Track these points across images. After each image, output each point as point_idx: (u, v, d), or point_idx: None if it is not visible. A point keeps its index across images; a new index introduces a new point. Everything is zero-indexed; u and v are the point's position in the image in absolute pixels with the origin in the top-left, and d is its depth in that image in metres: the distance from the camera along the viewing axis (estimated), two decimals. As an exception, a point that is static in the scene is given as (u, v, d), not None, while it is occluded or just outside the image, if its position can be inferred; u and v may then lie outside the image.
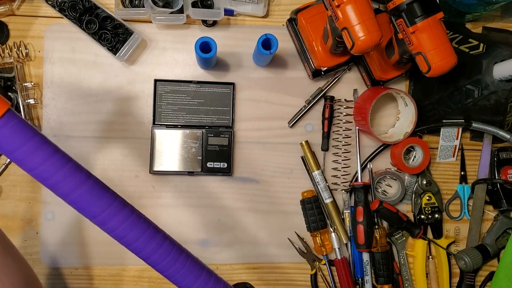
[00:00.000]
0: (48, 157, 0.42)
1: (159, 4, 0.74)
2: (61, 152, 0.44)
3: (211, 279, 0.49)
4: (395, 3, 0.62)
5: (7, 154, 0.42)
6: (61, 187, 0.43)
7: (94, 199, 0.44)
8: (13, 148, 0.41)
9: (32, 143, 0.42)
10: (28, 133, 0.42)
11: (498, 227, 0.82)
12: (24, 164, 0.42)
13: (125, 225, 0.45)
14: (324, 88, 0.81)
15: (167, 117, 0.78)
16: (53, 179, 0.43)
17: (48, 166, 0.42)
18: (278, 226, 0.81)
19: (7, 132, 0.41)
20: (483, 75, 0.77)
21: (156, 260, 0.47)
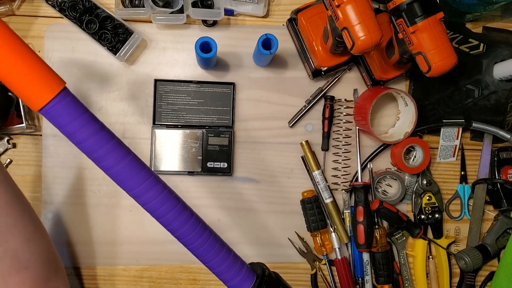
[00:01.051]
0: (95, 132, 0.47)
1: (159, 4, 0.74)
2: (107, 129, 0.48)
3: (230, 254, 0.53)
4: (395, 3, 0.62)
5: (60, 127, 0.46)
6: (105, 160, 0.47)
7: (133, 173, 0.48)
8: (66, 122, 0.46)
9: (82, 119, 0.46)
10: (79, 110, 0.47)
11: (498, 227, 0.82)
12: (74, 137, 0.47)
13: (158, 199, 0.49)
14: (324, 88, 0.81)
15: (167, 117, 0.78)
16: (99, 153, 0.47)
17: (95, 140, 0.47)
18: (278, 226, 0.81)
19: (62, 107, 0.45)
20: (483, 75, 0.77)
21: (183, 233, 0.51)
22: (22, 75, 0.43)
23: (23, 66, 0.44)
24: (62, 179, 0.78)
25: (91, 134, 0.47)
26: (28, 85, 0.44)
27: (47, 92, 0.44)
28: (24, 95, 0.45)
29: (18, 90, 0.44)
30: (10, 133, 0.77)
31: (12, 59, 0.43)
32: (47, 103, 0.44)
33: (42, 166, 0.77)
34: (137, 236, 0.79)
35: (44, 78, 0.44)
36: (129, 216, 0.79)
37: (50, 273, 0.62)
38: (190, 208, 0.53)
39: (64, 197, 0.78)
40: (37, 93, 0.44)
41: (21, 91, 0.44)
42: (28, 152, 0.78)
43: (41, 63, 0.45)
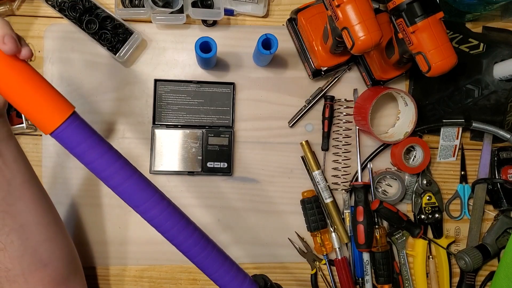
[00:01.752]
0: (103, 154, 0.49)
1: (159, 4, 0.74)
2: (114, 150, 0.51)
3: (233, 267, 0.56)
4: (395, 3, 0.62)
5: (70, 149, 0.49)
6: (112, 180, 0.50)
7: (138, 191, 0.51)
8: (75, 145, 0.48)
9: (90, 141, 0.49)
10: (87, 133, 0.49)
11: (498, 226, 0.82)
12: (83, 158, 0.49)
13: (162, 215, 0.52)
14: (324, 88, 0.81)
15: (167, 117, 0.78)
16: (106, 173, 0.50)
17: (102, 161, 0.49)
18: (278, 226, 0.81)
19: (71, 130, 0.48)
20: (483, 75, 0.77)
21: (188, 247, 0.54)
22: (34, 102, 0.46)
23: (35, 94, 0.46)
24: (62, 179, 0.78)
25: (99, 156, 0.49)
26: (39, 111, 0.47)
27: (57, 117, 0.47)
28: (36, 120, 0.47)
29: (30, 115, 0.47)
30: (10, 133, 0.77)
31: (25, 88, 0.46)
32: (58, 127, 0.47)
33: (42, 166, 0.77)
34: (137, 236, 0.79)
35: (54, 103, 0.47)
36: (129, 216, 0.79)
37: (69, 273, 0.64)
38: (193, 223, 0.55)
39: (64, 197, 0.78)
40: (48, 118, 0.47)
41: (33, 117, 0.47)
42: (28, 152, 0.77)
43: (51, 89, 0.48)
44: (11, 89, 0.46)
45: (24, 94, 0.46)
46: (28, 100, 0.46)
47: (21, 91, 0.46)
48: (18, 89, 0.46)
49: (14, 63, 0.46)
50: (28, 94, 0.46)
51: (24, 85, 0.46)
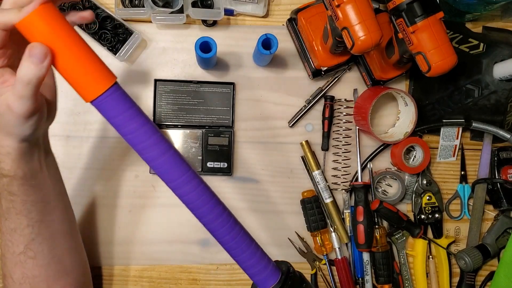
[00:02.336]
0: (142, 125, 0.49)
1: (159, 4, 0.74)
2: (152, 123, 0.51)
3: (258, 250, 0.56)
4: (395, 3, 0.62)
5: (109, 119, 0.49)
6: (149, 152, 0.50)
7: (174, 166, 0.50)
8: (115, 114, 0.49)
9: (130, 112, 0.49)
10: (128, 104, 0.49)
11: (498, 226, 0.82)
12: (121, 128, 0.49)
13: (195, 192, 0.52)
14: (324, 88, 0.81)
15: (167, 117, 0.78)
16: (144, 144, 0.49)
17: (141, 133, 0.49)
18: (278, 226, 0.81)
19: (112, 100, 0.48)
20: (483, 75, 0.77)
21: (216, 226, 0.53)
22: (80, 68, 0.47)
23: (82, 61, 0.46)
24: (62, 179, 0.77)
25: (137, 127, 0.49)
26: (83, 78, 0.47)
27: (100, 85, 0.47)
28: (79, 87, 0.47)
29: (74, 81, 0.47)
30: (10, 133, 0.77)
31: (72, 54, 0.46)
32: (99, 96, 0.47)
33: (42, 166, 0.77)
34: (137, 236, 0.79)
35: (98, 72, 0.47)
36: (129, 216, 0.79)
37: (86, 283, 0.67)
38: (222, 203, 0.55)
39: (64, 197, 0.78)
40: (91, 85, 0.47)
41: (77, 83, 0.47)
42: (28, 152, 0.77)
43: (96, 57, 0.48)
44: (56, 52, 0.46)
45: (70, 59, 0.46)
46: (74, 66, 0.47)
47: (67, 57, 0.46)
48: (64, 52, 0.46)
49: (65, 25, 0.47)
50: (74, 61, 0.46)
51: (70, 51, 0.46)
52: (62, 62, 0.46)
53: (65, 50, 0.46)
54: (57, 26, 0.46)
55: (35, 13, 0.44)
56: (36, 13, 0.44)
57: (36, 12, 0.44)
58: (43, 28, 0.45)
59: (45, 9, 0.45)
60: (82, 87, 0.48)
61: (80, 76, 0.47)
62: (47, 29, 0.45)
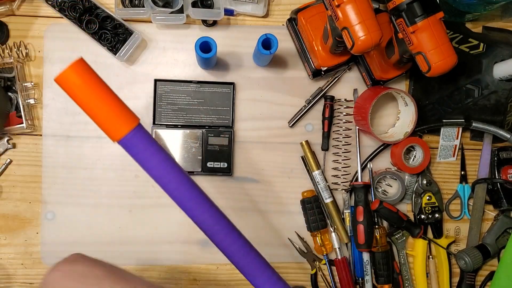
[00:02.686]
0: (163, 160, 0.54)
1: (159, 4, 0.74)
2: (172, 159, 0.55)
3: (274, 275, 0.59)
4: (395, 3, 0.62)
5: (134, 155, 0.54)
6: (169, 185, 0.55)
7: (192, 197, 0.55)
8: (139, 152, 0.54)
9: (153, 149, 0.54)
10: (150, 142, 0.54)
11: (498, 226, 0.82)
12: (146, 163, 0.54)
13: (216, 224, 0.57)
14: (324, 88, 0.81)
15: (167, 117, 0.78)
16: (165, 179, 0.54)
17: (163, 167, 0.54)
18: (278, 226, 0.81)
19: (136, 139, 0.53)
20: (483, 75, 0.77)
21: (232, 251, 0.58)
22: (107, 113, 0.52)
23: (109, 107, 0.52)
24: (62, 179, 0.78)
25: (159, 162, 0.53)
26: (111, 122, 0.52)
27: (125, 127, 0.52)
28: (106, 129, 0.53)
29: (102, 125, 0.53)
30: (10, 133, 0.77)
31: (99, 100, 0.52)
32: (124, 136, 0.52)
33: (42, 166, 0.77)
34: (137, 236, 0.79)
35: (123, 115, 0.53)
36: (129, 216, 0.79)
37: None
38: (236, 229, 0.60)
39: (64, 197, 0.78)
40: (117, 127, 0.52)
41: (105, 126, 0.53)
42: (28, 152, 0.77)
43: (120, 102, 0.53)
44: (87, 100, 0.51)
45: (98, 104, 0.52)
46: (102, 111, 0.52)
47: (96, 102, 0.51)
48: (91, 100, 0.51)
49: (91, 76, 0.52)
50: (102, 105, 0.52)
51: (97, 98, 0.52)
52: (92, 108, 0.52)
53: (96, 99, 0.51)
54: (88, 78, 0.52)
55: (69, 69, 0.50)
56: (71, 69, 0.50)
57: (71, 68, 0.50)
58: (76, 82, 0.51)
59: (77, 65, 0.51)
60: (110, 129, 0.53)
61: (107, 120, 0.52)
62: (79, 82, 0.51)
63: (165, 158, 0.54)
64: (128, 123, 0.53)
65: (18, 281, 0.78)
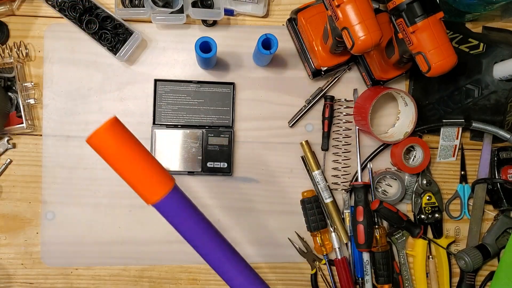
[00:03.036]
0: (198, 223, 0.53)
1: (159, 4, 0.74)
2: (207, 220, 0.54)
3: None
4: (395, 3, 0.62)
5: (168, 218, 0.52)
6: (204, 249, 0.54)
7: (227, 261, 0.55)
8: (174, 214, 0.52)
9: (188, 211, 0.52)
10: (185, 204, 0.53)
11: (498, 226, 0.82)
12: (180, 226, 0.52)
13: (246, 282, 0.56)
14: (324, 88, 0.81)
15: (167, 117, 0.78)
16: (199, 241, 0.53)
17: (196, 231, 0.53)
18: (278, 226, 0.81)
19: (172, 202, 0.51)
20: (483, 75, 0.77)
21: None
22: (142, 176, 0.50)
23: (144, 169, 0.49)
24: (62, 179, 0.78)
25: (194, 225, 0.52)
26: (145, 185, 0.50)
27: (160, 190, 0.50)
28: (141, 192, 0.50)
29: (137, 187, 0.50)
30: (10, 133, 0.77)
31: (133, 163, 0.49)
32: (160, 199, 0.50)
33: (42, 166, 0.77)
34: (137, 236, 0.79)
35: (158, 177, 0.50)
36: (129, 216, 0.79)
37: None
38: None
39: (64, 197, 0.78)
40: (152, 191, 0.50)
41: (139, 189, 0.50)
42: (28, 152, 0.77)
43: (156, 164, 0.51)
44: (121, 162, 0.49)
45: (133, 167, 0.49)
46: (136, 173, 0.50)
47: (130, 164, 0.49)
48: (128, 162, 0.49)
49: (125, 137, 0.49)
50: (136, 167, 0.49)
51: (133, 159, 0.49)
52: (126, 171, 0.49)
53: (130, 161, 0.49)
54: (122, 139, 0.49)
55: (102, 129, 0.47)
56: (104, 130, 0.47)
57: (104, 128, 0.47)
58: (109, 143, 0.48)
59: (111, 125, 0.48)
60: (144, 192, 0.50)
61: (142, 183, 0.50)
62: (113, 144, 0.48)
63: (199, 220, 0.52)
64: (164, 186, 0.50)
65: (18, 281, 0.78)
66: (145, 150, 0.51)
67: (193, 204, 0.53)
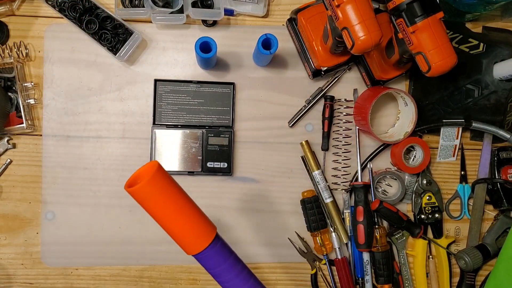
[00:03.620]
0: (239, 274, 0.51)
1: (159, 4, 0.74)
2: (247, 269, 0.52)
3: None
4: (395, 3, 0.62)
5: (209, 269, 0.50)
6: None
7: None
8: (216, 265, 0.50)
9: (229, 262, 0.50)
10: (227, 253, 0.50)
11: (498, 226, 0.82)
12: (220, 277, 0.50)
13: None
14: (324, 88, 0.81)
15: (167, 117, 0.78)
16: None
17: (238, 281, 0.50)
18: (278, 226, 0.81)
19: (214, 252, 0.49)
20: (483, 75, 0.77)
21: None
22: (184, 228, 0.48)
23: (186, 221, 0.47)
24: (62, 179, 0.78)
25: (235, 275, 0.50)
26: (187, 236, 0.48)
27: (202, 240, 0.48)
28: (183, 243, 0.48)
29: (178, 239, 0.48)
30: (10, 133, 0.77)
31: (176, 214, 0.47)
32: (202, 250, 0.48)
33: (42, 166, 0.77)
34: (137, 236, 0.79)
35: (200, 228, 0.49)
36: (129, 216, 0.79)
37: None
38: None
39: (64, 197, 0.78)
40: (194, 241, 0.48)
41: (181, 241, 0.48)
42: (28, 152, 0.78)
43: (199, 212, 0.49)
44: (164, 213, 0.47)
45: (176, 218, 0.47)
46: (179, 225, 0.48)
47: (173, 215, 0.47)
48: (171, 213, 0.47)
49: (168, 187, 0.47)
50: (180, 220, 0.47)
51: (177, 209, 0.47)
52: (168, 223, 0.47)
53: (173, 212, 0.46)
54: (165, 189, 0.46)
55: (147, 182, 0.44)
56: (148, 182, 0.45)
57: (148, 181, 0.44)
58: (153, 195, 0.46)
59: (155, 175, 0.45)
60: (186, 244, 0.48)
61: (184, 234, 0.48)
62: (157, 195, 0.46)
63: (242, 269, 0.51)
64: (207, 236, 0.48)
65: (18, 281, 0.78)
66: (188, 199, 0.48)
67: (235, 255, 0.52)
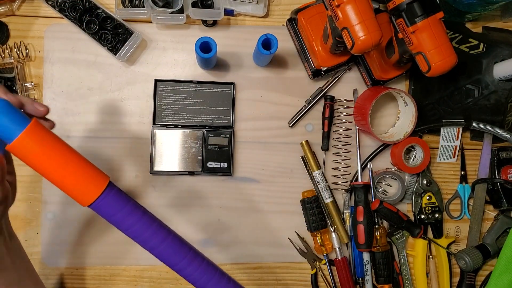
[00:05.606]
0: (139, 219, 0.51)
1: (159, 4, 0.74)
2: (149, 213, 0.52)
3: None
4: (395, 3, 0.62)
5: (107, 217, 0.50)
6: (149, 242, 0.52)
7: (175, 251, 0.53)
8: (113, 213, 0.50)
9: (127, 209, 0.50)
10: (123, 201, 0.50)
11: (498, 226, 0.82)
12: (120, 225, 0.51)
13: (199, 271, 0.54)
14: (324, 88, 0.81)
15: (167, 117, 0.78)
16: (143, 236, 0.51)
17: (139, 226, 0.51)
18: (278, 226, 0.81)
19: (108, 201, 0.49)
20: (483, 75, 0.77)
21: None
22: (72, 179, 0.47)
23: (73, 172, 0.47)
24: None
25: (135, 221, 0.50)
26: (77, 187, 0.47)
27: (94, 189, 0.48)
28: (75, 195, 0.48)
29: (69, 191, 0.48)
30: (10, 133, 0.77)
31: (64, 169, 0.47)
32: (95, 200, 0.48)
33: (42, 166, 0.77)
34: (137, 236, 0.79)
35: (90, 178, 0.48)
36: (129, 216, 0.79)
37: None
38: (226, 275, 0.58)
39: (64, 197, 0.77)
40: (85, 192, 0.48)
41: (72, 193, 0.48)
42: (28, 152, 0.77)
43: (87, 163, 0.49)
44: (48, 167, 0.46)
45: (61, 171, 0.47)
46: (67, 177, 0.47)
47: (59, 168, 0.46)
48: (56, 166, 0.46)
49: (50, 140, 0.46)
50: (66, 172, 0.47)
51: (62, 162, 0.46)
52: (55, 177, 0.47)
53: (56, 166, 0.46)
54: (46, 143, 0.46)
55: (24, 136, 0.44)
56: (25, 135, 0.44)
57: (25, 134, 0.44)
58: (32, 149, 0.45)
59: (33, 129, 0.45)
60: (77, 195, 0.48)
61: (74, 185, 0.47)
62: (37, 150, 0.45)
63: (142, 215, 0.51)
64: (97, 186, 0.48)
65: (18, 281, 0.78)
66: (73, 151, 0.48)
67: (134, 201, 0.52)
